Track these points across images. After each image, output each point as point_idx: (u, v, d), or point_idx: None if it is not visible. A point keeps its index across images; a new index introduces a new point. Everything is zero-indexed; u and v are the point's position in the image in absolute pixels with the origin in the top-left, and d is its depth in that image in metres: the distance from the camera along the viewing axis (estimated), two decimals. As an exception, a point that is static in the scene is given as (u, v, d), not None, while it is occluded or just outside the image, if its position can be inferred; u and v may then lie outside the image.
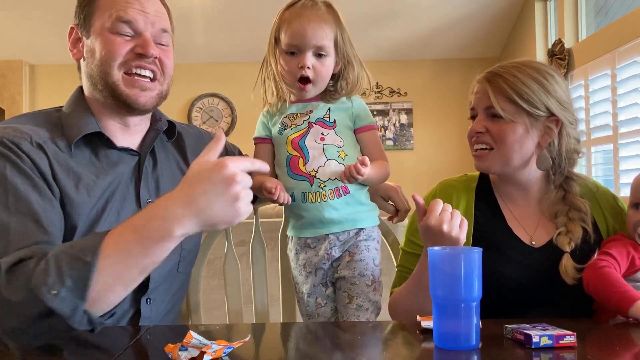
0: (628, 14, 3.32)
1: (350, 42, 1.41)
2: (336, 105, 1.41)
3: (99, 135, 1.26)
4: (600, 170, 3.71)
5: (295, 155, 1.37)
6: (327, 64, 1.37)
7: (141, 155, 1.31)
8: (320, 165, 1.35)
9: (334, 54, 1.39)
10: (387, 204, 1.49)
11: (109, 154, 1.27)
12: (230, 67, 5.46)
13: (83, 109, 1.28)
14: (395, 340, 1.11)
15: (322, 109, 1.40)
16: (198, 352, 0.87)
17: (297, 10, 1.36)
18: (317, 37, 1.34)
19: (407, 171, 5.51)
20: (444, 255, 0.99)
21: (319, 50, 1.35)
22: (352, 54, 1.42)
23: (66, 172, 1.19)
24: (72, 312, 0.96)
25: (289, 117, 1.41)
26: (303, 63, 1.34)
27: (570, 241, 1.32)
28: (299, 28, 1.33)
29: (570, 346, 0.95)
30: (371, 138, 1.42)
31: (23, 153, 1.15)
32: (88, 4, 1.27)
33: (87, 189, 1.20)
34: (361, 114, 1.42)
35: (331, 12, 1.38)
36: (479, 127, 1.35)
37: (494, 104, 1.31)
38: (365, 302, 1.35)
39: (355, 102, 1.43)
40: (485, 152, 1.36)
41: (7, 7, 4.69)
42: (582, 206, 1.35)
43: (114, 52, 1.23)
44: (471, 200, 1.42)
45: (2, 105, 5.36)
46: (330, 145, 1.36)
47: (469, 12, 4.91)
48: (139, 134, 1.34)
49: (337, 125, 1.39)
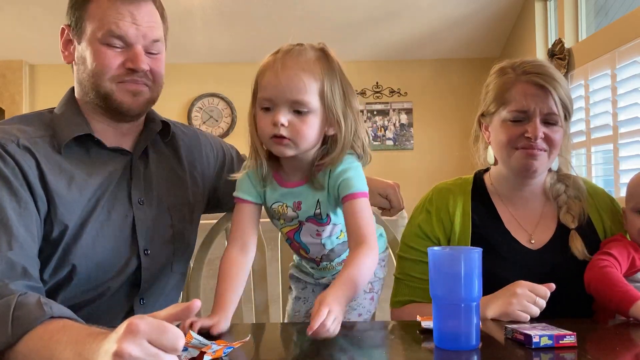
0: (628, 14, 3.32)
1: (345, 97, 1.18)
2: (325, 190, 1.20)
3: (89, 136, 1.26)
4: (600, 170, 3.70)
5: (294, 244, 1.30)
6: (309, 121, 1.15)
7: (133, 155, 1.31)
8: (324, 253, 1.29)
9: (321, 111, 1.16)
10: (383, 199, 1.48)
11: (100, 153, 1.27)
12: (230, 67, 5.45)
13: (74, 111, 1.28)
14: (395, 340, 1.11)
15: (310, 203, 1.21)
16: (198, 352, 0.87)
17: (278, 57, 1.16)
18: (292, 90, 1.12)
19: (407, 171, 5.51)
20: (444, 255, 0.99)
21: (297, 106, 1.14)
22: (343, 113, 1.17)
23: (57, 171, 1.19)
24: None
25: (275, 208, 1.25)
26: (276, 119, 1.13)
27: (573, 218, 1.35)
28: (272, 79, 1.14)
29: (570, 346, 0.95)
30: (353, 209, 1.17)
31: (7, 155, 1.15)
32: (80, 7, 1.25)
33: (78, 187, 1.21)
34: (342, 182, 1.18)
35: (322, 59, 1.17)
36: (541, 133, 1.30)
37: (557, 110, 1.29)
38: (359, 307, 1.31)
39: (338, 169, 1.19)
40: (541, 152, 1.32)
41: (7, 7, 4.68)
42: (574, 181, 1.40)
43: (105, 66, 1.22)
44: (468, 203, 1.40)
45: (2, 105, 5.36)
46: (328, 237, 1.26)
47: (469, 12, 4.91)
48: (132, 134, 1.34)
49: (331, 219, 1.23)
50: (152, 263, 1.29)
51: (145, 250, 1.28)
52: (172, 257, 1.34)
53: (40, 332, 0.92)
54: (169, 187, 1.36)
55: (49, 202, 1.18)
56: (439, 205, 1.40)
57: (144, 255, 1.28)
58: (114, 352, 0.73)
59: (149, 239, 1.29)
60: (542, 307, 1.14)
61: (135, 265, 1.27)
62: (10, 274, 1.05)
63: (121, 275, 1.26)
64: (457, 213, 1.38)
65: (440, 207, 1.39)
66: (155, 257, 1.30)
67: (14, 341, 0.92)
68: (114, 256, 1.25)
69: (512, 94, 1.32)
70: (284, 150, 1.16)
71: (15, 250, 1.08)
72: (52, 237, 1.18)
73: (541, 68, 1.33)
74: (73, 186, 1.20)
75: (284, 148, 1.16)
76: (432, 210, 1.40)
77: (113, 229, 1.25)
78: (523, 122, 1.31)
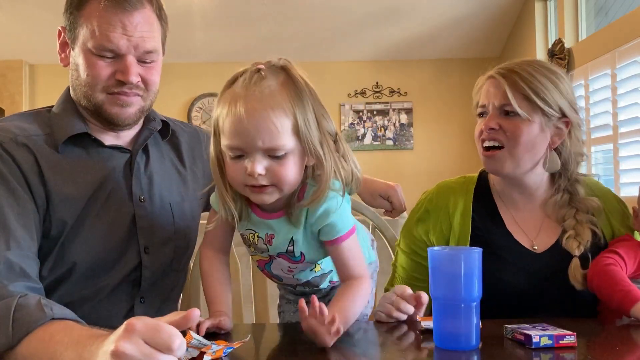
0: (628, 14, 3.32)
1: (321, 123, 1.04)
2: (301, 228, 1.10)
3: (87, 135, 1.26)
4: (600, 170, 3.71)
5: (265, 272, 1.22)
6: (289, 163, 1.02)
7: (132, 153, 1.31)
8: (299, 284, 1.22)
9: (299, 148, 1.03)
10: (384, 201, 1.48)
11: (99, 151, 1.27)
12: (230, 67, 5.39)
13: (71, 110, 1.28)
14: (395, 341, 1.10)
15: (283, 239, 1.11)
16: (198, 352, 0.87)
17: (237, 91, 1.01)
18: (264, 137, 0.98)
19: (406, 171, 5.51)
20: (444, 255, 0.99)
21: (272, 152, 1.00)
22: (320, 142, 1.04)
23: (55, 168, 1.19)
24: None
25: (246, 235, 1.16)
26: (251, 170, 1.00)
27: (579, 245, 1.27)
28: (238, 126, 0.99)
29: (570, 346, 0.94)
30: (339, 253, 1.10)
31: (5, 152, 1.15)
32: (73, 12, 1.23)
33: (76, 184, 1.21)
34: (325, 228, 1.08)
35: (287, 85, 1.01)
36: (492, 124, 1.29)
37: (511, 100, 1.26)
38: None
39: (318, 212, 1.07)
40: (496, 151, 1.30)
41: (7, 7, 4.68)
42: (592, 205, 1.32)
43: (95, 77, 1.22)
44: (469, 203, 1.38)
45: (2, 105, 5.36)
46: (301, 272, 1.18)
47: (469, 12, 4.91)
48: (130, 133, 1.34)
49: (305, 257, 1.13)
50: (152, 261, 1.29)
51: (145, 248, 1.28)
52: (173, 255, 1.34)
53: (40, 334, 0.92)
54: (170, 184, 1.35)
55: (47, 199, 1.18)
56: (439, 204, 1.39)
57: (144, 253, 1.27)
58: (112, 351, 0.75)
59: (149, 237, 1.29)
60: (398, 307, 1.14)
61: (136, 263, 1.27)
62: (9, 275, 1.05)
63: (121, 273, 1.25)
64: (457, 213, 1.36)
65: (440, 207, 1.39)
66: (156, 255, 1.30)
67: (14, 343, 0.92)
68: (113, 253, 1.24)
69: (480, 92, 1.35)
70: (267, 197, 1.04)
71: (14, 250, 1.08)
72: (50, 234, 1.19)
73: (509, 64, 1.32)
74: (71, 183, 1.20)
75: (266, 196, 1.04)
76: (431, 210, 1.39)
77: (113, 226, 1.25)
78: (486, 117, 1.32)
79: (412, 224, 1.41)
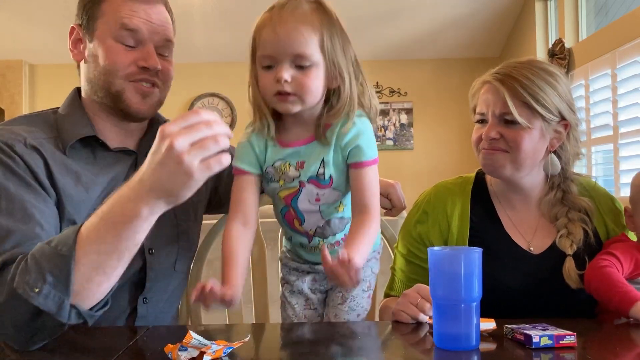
0: (628, 14, 3.32)
1: (345, 49, 1.16)
2: (332, 150, 1.17)
3: (94, 138, 1.26)
4: (600, 170, 3.70)
5: (289, 212, 1.23)
6: (313, 75, 1.12)
7: (138, 155, 1.31)
8: (318, 226, 1.23)
9: (324, 63, 1.14)
10: (384, 199, 1.48)
11: (105, 155, 1.27)
12: (230, 67, 5.43)
13: (78, 112, 1.28)
14: (394, 341, 1.10)
15: (314, 162, 1.18)
16: (198, 352, 0.87)
17: (273, 13, 1.13)
18: (293, 44, 1.10)
19: (407, 171, 5.51)
20: (444, 255, 0.99)
21: (299, 61, 1.11)
22: (345, 65, 1.16)
23: (64, 171, 1.19)
24: (58, 308, 0.95)
25: (275, 168, 1.20)
26: (279, 76, 1.10)
27: (572, 243, 1.28)
28: (271, 35, 1.11)
29: (570, 346, 0.94)
30: (360, 178, 1.17)
31: (17, 155, 1.15)
32: (92, 6, 1.26)
33: (86, 187, 1.21)
34: (353, 149, 1.17)
35: (318, 11, 1.14)
36: (493, 133, 1.27)
37: (511, 109, 1.24)
38: (358, 307, 1.29)
39: (350, 134, 1.16)
40: (496, 152, 1.29)
41: (7, 7, 4.68)
42: (582, 204, 1.32)
43: (117, 63, 1.23)
44: (467, 204, 1.38)
45: (1, 105, 5.36)
46: (327, 205, 1.21)
47: (469, 12, 4.91)
48: (136, 134, 1.34)
49: (333, 181, 1.18)
50: (156, 262, 1.29)
51: (150, 249, 1.28)
52: (176, 256, 1.34)
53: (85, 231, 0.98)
54: None
55: (58, 200, 1.18)
56: (436, 205, 1.39)
57: (148, 254, 1.27)
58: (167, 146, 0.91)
59: (153, 238, 1.29)
60: (423, 310, 1.12)
61: (140, 264, 1.27)
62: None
63: (125, 274, 1.25)
64: (455, 214, 1.36)
65: (437, 208, 1.39)
66: (160, 256, 1.30)
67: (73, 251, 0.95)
68: None
69: (477, 97, 1.34)
70: (290, 106, 1.14)
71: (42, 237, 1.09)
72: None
73: (505, 68, 1.30)
74: (80, 186, 1.20)
75: (289, 105, 1.13)
76: (429, 211, 1.39)
77: None
78: (485, 124, 1.31)
79: (411, 226, 1.41)
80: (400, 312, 1.15)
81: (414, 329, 1.11)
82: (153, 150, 0.95)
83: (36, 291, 0.94)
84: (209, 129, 0.93)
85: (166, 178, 0.94)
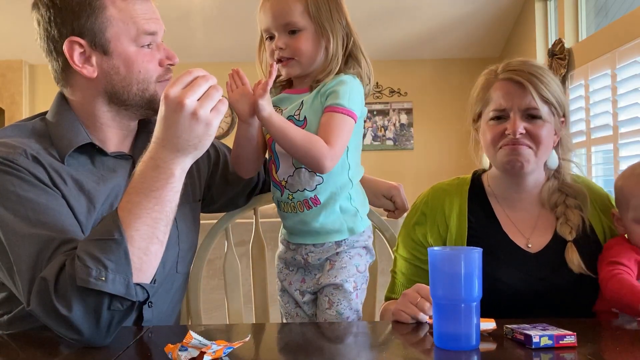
0: (628, 14, 3.32)
1: (333, 11, 1.28)
2: (313, 94, 1.27)
3: (91, 144, 1.24)
4: (600, 170, 3.71)
5: (271, 159, 1.32)
6: (303, 38, 1.26)
7: (134, 158, 1.30)
8: (289, 174, 1.28)
9: (312, 27, 1.27)
10: (387, 201, 1.48)
11: (104, 160, 1.26)
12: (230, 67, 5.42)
13: (70, 119, 1.25)
14: (394, 341, 1.11)
15: (295, 104, 1.29)
16: (198, 352, 0.87)
17: None
18: (280, 15, 1.26)
19: (407, 171, 5.52)
20: (444, 255, 0.99)
21: (288, 28, 1.26)
22: (330, 25, 1.27)
23: (65, 180, 1.18)
24: (126, 288, 1.00)
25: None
26: (276, 44, 1.27)
27: (571, 230, 1.31)
28: (264, 11, 1.28)
29: (570, 346, 0.95)
30: (328, 119, 1.23)
31: (20, 167, 1.13)
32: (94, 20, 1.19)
33: (89, 196, 1.19)
34: (330, 94, 1.25)
35: None
36: (520, 128, 1.29)
37: (538, 104, 1.28)
38: (347, 310, 1.29)
39: (332, 83, 1.26)
40: (522, 147, 1.30)
41: (7, 7, 4.69)
42: (577, 189, 1.36)
43: (150, 69, 1.23)
44: (464, 204, 1.38)
45: (2, 105, 5.36)
46: None
47: (469, 12, 4.91)
48: (130, 137, 1.33)
49: (307, 123, 1.25)
50: (159, 266, 1.28)
51: None
52: (177, 258, 1.34)
53: (124, 212, 1.03)
54: None
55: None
56: (434, 206, 1.39)
57: None
58: (179, 107, 1.03)
59: None
60: (423, 309, 1.12)
61: None
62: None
63: None
64: (453, 215, 1.37)
65: (435, 209, 1.39)
66: (162, 259, 1.29)
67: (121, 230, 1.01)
68: None
69: (492, 93, 1.34)
70: (290, 70, 1.29)
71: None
72: None
73: (520, 65, 1.33)
74: (83, 195, 1.19)
75: (289, 69, 1.29)
76: (428, 212, 1.40)
77: None
78: (504, 120, 1.31)
79: (410, 228, 1.41)
80: (400, 311, 1.15)
81: (414, 329, 1.11)
82: (162, 115, 1.05)
83: (102, 280, 0.98)
84: (206, 81, 1.07)
85: (188, 135, 1.04)
